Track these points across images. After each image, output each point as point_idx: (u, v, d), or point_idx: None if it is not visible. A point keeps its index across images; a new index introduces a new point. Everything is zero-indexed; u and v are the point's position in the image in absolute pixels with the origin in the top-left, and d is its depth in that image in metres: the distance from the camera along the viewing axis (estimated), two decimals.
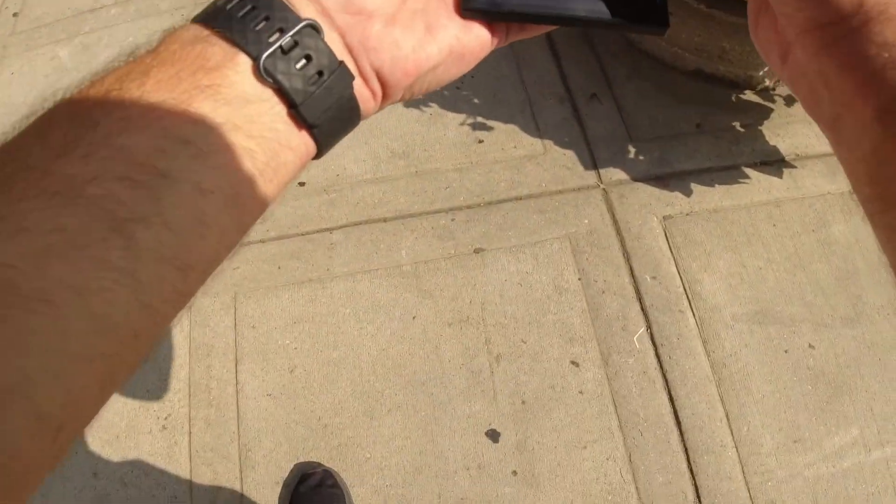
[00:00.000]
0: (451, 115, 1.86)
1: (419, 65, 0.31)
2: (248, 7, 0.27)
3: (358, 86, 0.30)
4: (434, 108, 1.88)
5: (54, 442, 0.21)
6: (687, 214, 1.71)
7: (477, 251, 1.66)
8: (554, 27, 0.34)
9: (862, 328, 1.56)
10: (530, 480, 1.41)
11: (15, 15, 2.27)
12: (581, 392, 1.49)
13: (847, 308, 1.59)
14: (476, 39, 0.32)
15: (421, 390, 1.49)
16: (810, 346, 1.56)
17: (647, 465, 1.43)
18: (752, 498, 1.41)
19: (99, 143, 0.23)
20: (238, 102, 0.26)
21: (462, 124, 1.85)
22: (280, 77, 0.26)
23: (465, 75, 0.34)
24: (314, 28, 0.28)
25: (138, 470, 1.44)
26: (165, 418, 1.48)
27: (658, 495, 1.40)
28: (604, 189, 1.75)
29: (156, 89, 0.25)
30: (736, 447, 1.45)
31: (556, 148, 1.81)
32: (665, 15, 0.32)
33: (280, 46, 0.26)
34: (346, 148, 1.82)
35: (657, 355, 1.53)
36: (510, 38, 0.34)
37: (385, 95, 0.31)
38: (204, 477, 1.43)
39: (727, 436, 1.46)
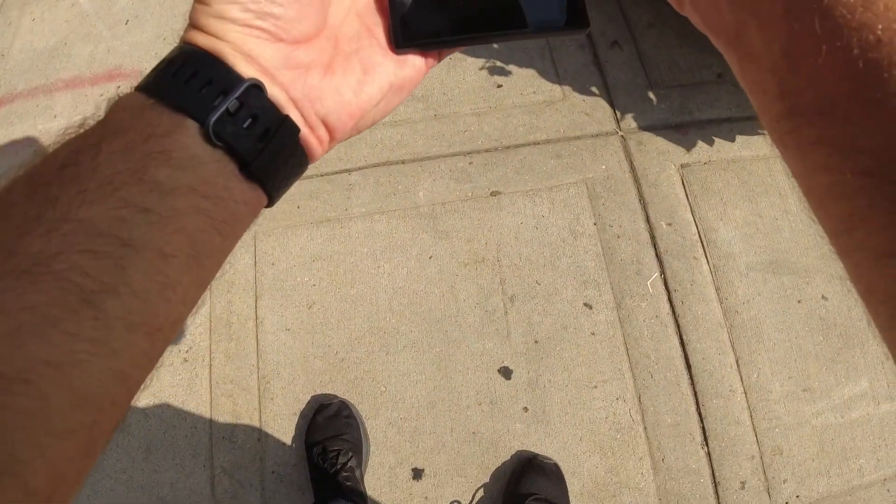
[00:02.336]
0: (470, 59, 1.85)
1: (362, 106, 0.32)
2: (190, 72, 0.27)
3: (305, 135, 0.31)
4: (453, 53, 1.86)
5: None
6: (705, 163, 1.70)
7: (494, 194, 1.66)
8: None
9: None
10: (541, 417, 1.44)
11: None
12: (593, 333, 1.51)
13: None
14: (412, 69, 0.34)
15: (436, 328, 1.52)
16: (823, 297, 1.56)
17: (657, 407, 1.45)
18: (759, 443, 1.43)
19: (60, 218, 0.23)
20: (191, 165, 0.26)
21: (481, 69, 1.84)
22: (229, 139, 0.27)
23: None
24: (258, 87, 0.28)
25: (160, 401, 1.47)
26: (187, 351, 1.51)
27: (666, 436, 1.43)
28: (622, 136, 1.74)
29: (110, 160, 0.25)
30: (745, 393, 1.47)
31: (576, 94, 1.80)
32: (584, 16, 0.33)
33: (227, 109, 0.27)
34: None
35: (670, 300, 1.54)
36: (443, 56, 0.35)
37: (332, 138, 0.33)
38: (224, 408, 1.46)
39: (737, 381, 1.48)
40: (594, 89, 1.80)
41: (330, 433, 1.37)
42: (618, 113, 1.77)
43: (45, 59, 1.93)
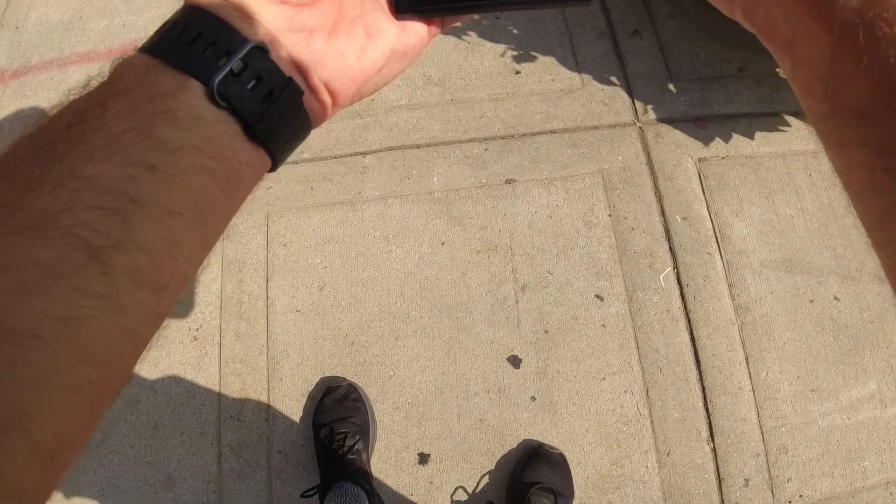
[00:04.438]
0: (489, 44, 1.83)
1: (364, 72, 0.32)
2: (195, 33, 0.27)
3: (307, 99, 0.31)
4: (472, 37, 1.85)
5: (49, 471, 0.22)
6: (723, 158, 1.68)
7: (508, 182, 1.65)
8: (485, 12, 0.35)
9: (889, 285, 1.54)
10: (548, 407, 1.44)
11: None
12: (604, 325, 1.51)
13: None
14: (415, 36, 0.34)
15: (446, 314, 1.52)
16: (836, 298, 1.55)
17: (664, 401, 1.45)
18: (765, 441, 1.43)
19: (66, 175, 0.23)
20: (196, 125, 0.26)
21: (500, 55, 1.82)
22: (233, 100, 0.27)
23: None
24: (262, 49, 0.28)
25: (169, 378, 1.48)
26: (197, 329, 1.52)
27: (672, 430, 1.43)
28: (640, 127, 1.73)
29: (115, 119, 0.25)
30: (753, 390, 1.47)
31: (594, 83, 1.78)
32: None
33: (231, 70, 0.27)
34: None
35: (682, 295, 1.54)
36: (446, 25, 0.35)
37: (335, 103, 0.32)
38: (232, 387, 1.47)
39: (745, 379, 1.47)
40: (613, 79, 1.78)
41: (338, 415, 1.37)
42: (636, 103, 1.75)
43: (60, 32, 1.91)
